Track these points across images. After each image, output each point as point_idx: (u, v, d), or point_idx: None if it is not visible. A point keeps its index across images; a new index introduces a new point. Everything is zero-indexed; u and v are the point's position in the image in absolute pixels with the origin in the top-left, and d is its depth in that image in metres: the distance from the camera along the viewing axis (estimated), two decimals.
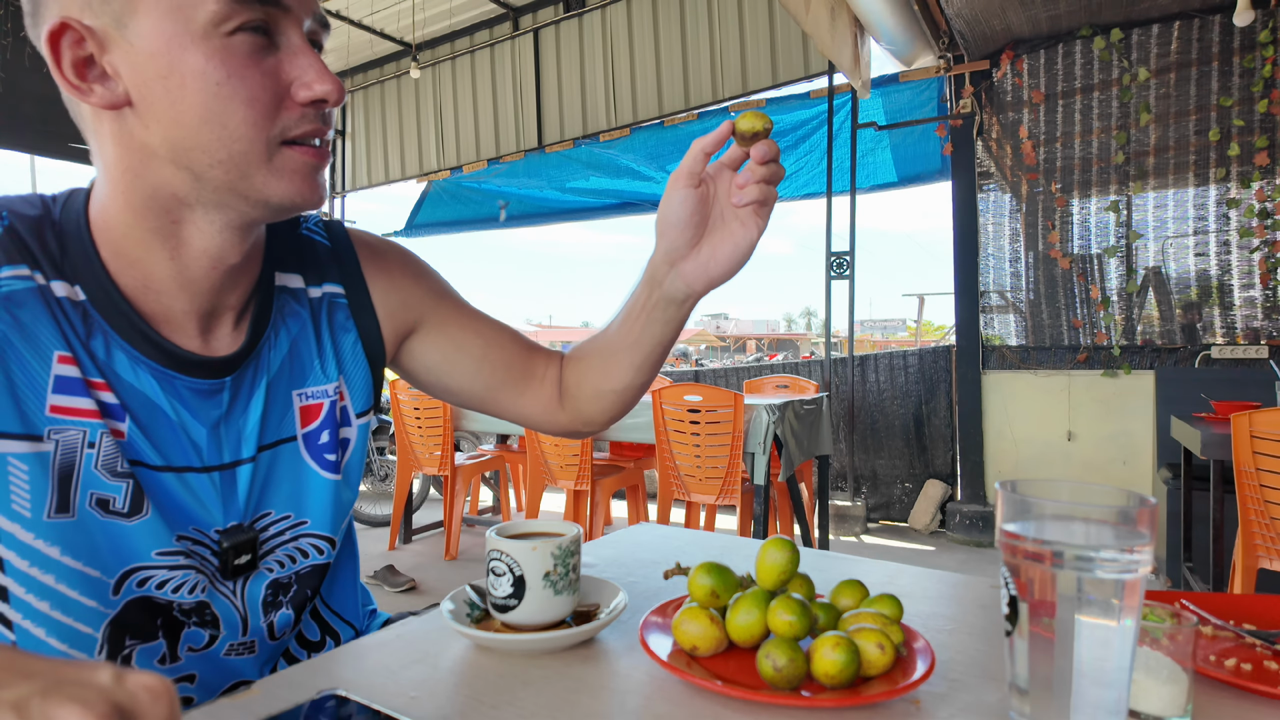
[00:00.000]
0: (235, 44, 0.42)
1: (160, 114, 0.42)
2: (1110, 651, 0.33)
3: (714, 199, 0.52)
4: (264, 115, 0.43)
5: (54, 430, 0.43)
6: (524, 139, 4.44)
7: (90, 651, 0.45)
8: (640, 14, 3.99)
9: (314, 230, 0.58)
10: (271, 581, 0.52)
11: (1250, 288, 2.82)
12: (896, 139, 3.53)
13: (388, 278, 0.59)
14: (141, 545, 0.46)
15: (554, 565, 0.48)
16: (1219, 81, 2.81)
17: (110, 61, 0.41)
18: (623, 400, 0.62)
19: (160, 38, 0.41)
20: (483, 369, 0.62)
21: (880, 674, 0.41)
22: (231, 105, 0.42)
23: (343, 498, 0.55)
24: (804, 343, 30.14)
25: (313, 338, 0.55)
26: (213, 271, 0.48)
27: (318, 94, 0.44)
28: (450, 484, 2.88)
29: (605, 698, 0.41)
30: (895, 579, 0.62)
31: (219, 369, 0.49)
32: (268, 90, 0.43)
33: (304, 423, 0.53)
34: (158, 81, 0.41)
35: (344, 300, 0.57)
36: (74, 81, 0.42)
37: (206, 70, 0.41)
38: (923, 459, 3.53)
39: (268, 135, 0.43)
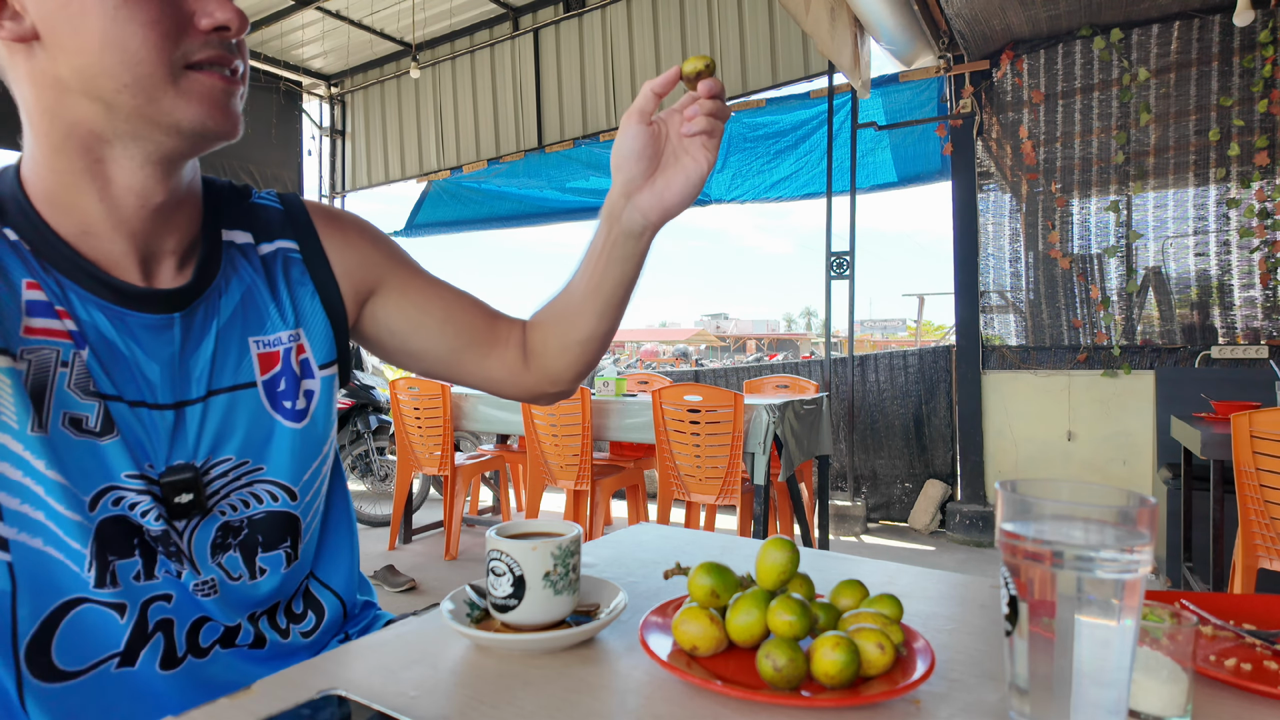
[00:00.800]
0: None
1: (65, 43, 0.43)
2: (1110, 651, 0.33)
3: (665, 136, 0.56)
4: (164, 38, 0.44)
5: (27, 350, 0.46)
6: (524, 139, 4.44)
7: (82, 565, 0.47)
8: (640, 14, 4.00)
9: (266, 198, 0.60)
10: (222, 524, 0.53)
11: (1250, 288, 2.82)
12: (896, 139, 3.53)
13: (343, 238, 0.60)
14: (114, 464, 0.48)
15: (554, 565, 0.48)
16: (1219, 81, 2.81)
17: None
18: (587, 351, 0.63)
19: None
20: (446, 331, 0.63)
21: (880, 674, 0.41)
22: (130, 28, 0.43)
23: (305, 447, 0.56)
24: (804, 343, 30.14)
25: (265, 289, 0.56)
26: (141, 210, 0.49)
27: (219, 20, 0.45)
28: (450, 484, 2.88)
29: (605, 698, 0.41)
30: (895, 579, 0.62)
31: (166, 302, 0.50)
32: (167, 16, 0.44)
33: (263, 370, 0.55)
34: (59, 11, 0.43)
35: (298, 255, 0.58)
36: None
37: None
38: (923, 459, 3.53)
39: (170, 58, 0.44)
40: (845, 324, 3.53)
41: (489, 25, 4.55)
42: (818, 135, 3.59)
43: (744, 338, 33.70)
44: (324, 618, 0.60)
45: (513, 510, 3.53)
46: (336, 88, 5.29)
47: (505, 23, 4.49)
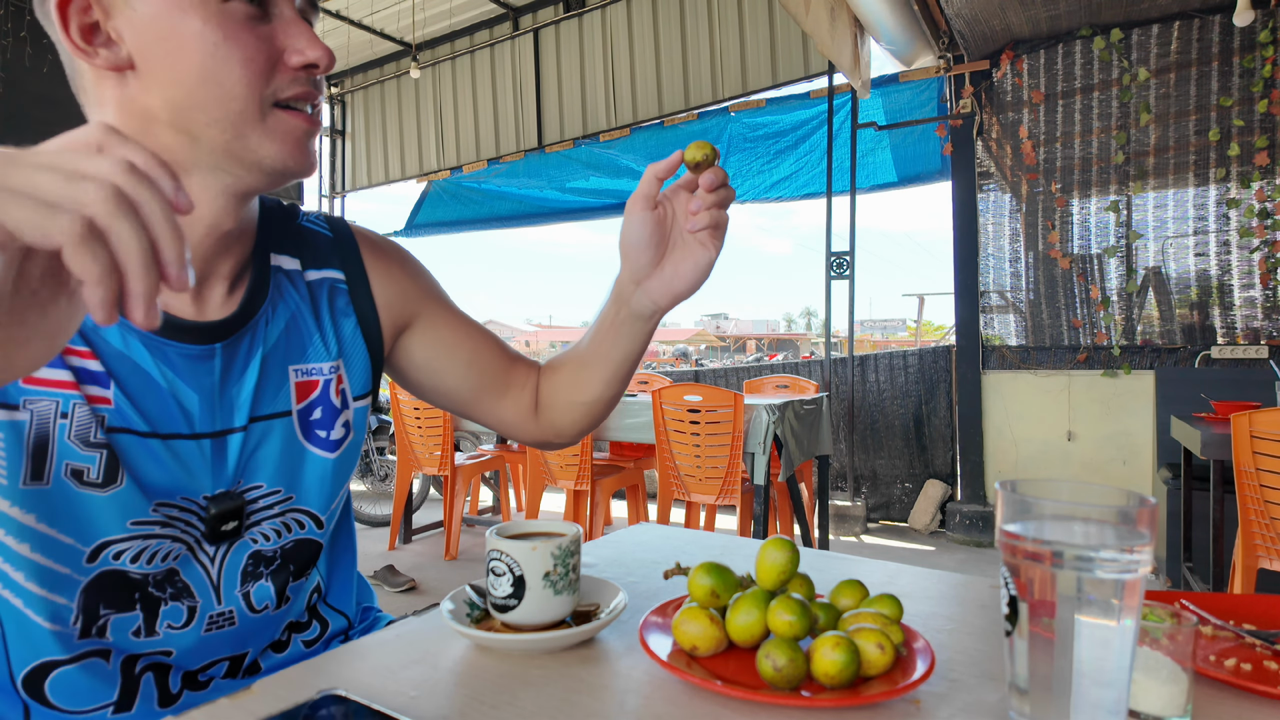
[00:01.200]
0: (231, 9, 0.44)
1: (161, 75, 0.44)
2: (1110, 651, 0.33)
3: (671, 219, 0.55)
4: (258, 76, 0.45)
5: (29, 401, 0.44)
6: (524, 139, 4.44)
7: (66, 621, 0.46)
8: (640, 14, 3.99)
9: (315, 223, 0.60)
10: (254, 552, 0.53)
11: (1250, 288, 2.82)
12: (896, 139, 3.53)
13: (386, 269, 0.61)
14: (115, 517, 0.46)
15: (554, 565, 0.48)
16: (1219, 81, 2.81)
17: (114, 27, 0.44)
18: (592, 413, 0.65)
19: (160, 3, 0.43)
20: (470, 372, 0.64)
21: (880, 674, 0.41)
22: (228, 65, 0.44)
23: (336, 478, 0.56)
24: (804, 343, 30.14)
25: (310, 316, 0.56)
26: (207, 237, 0.49)
27: (309, 59, 0.46)
28: (450, 484, 2.88)
29: (605, 698, 0.41)
30: (895, 579, 0.62)
31: (210, 334, 0.50)
32: (262, 53, 0.45)
33: (299, 398, 0.54)
34: (158, 44, 0.43)
35: (344, 286, 0.58)
36: (81, 45, 0.44)
37: (204, 32, 0.43)
38: (923, 459, 3.53)
39: (261, 95, 0.45)
40: (845, 324, 3.53)
41: (489, 25, 4.55)
42: (818, 135, 3.58)
43: (744, 338, 33.69)
44: (328, 630, 0.61)
45: (513, 510, 3.53)
46: (336, 88, 5.29)
47: (505, 23, 4.49)
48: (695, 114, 3.86)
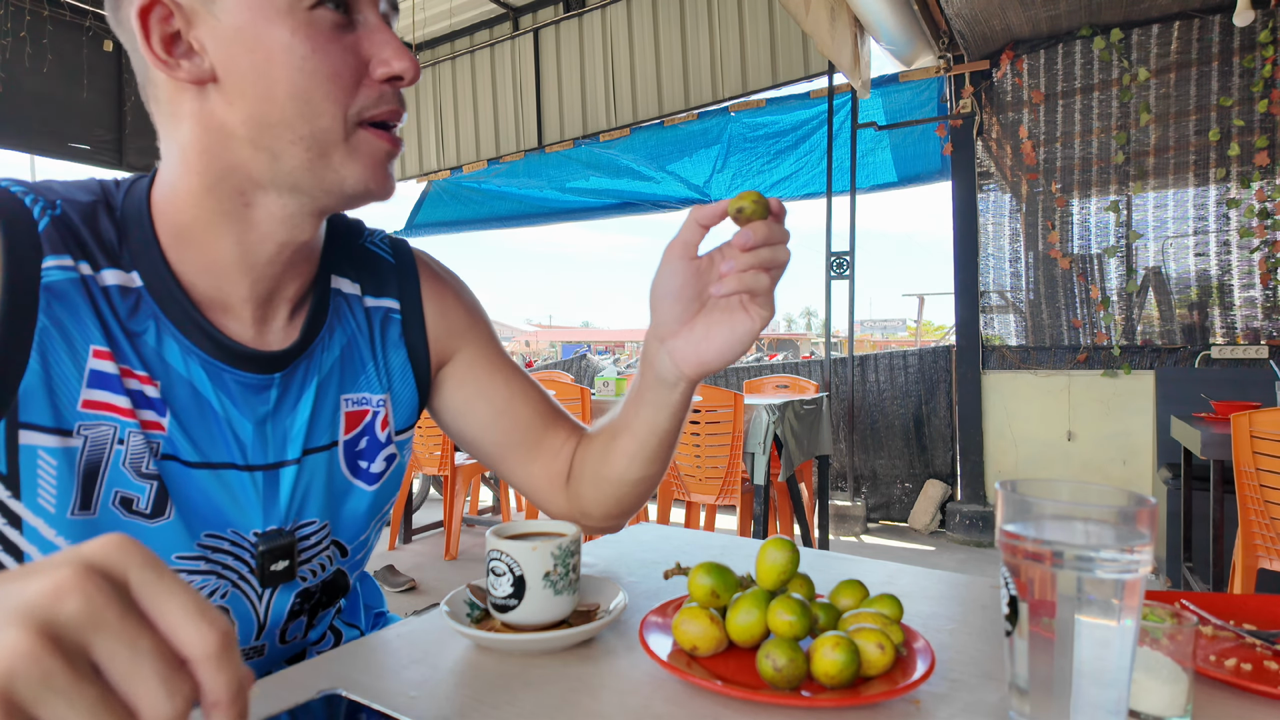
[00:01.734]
0: (317, 18, 0.42)
1: (246, 90, 0.42)
2: (1110, 651, 0.33)
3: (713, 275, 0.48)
4: (345, 91, 0.43)
5: (84, 426, 0.43)
6: (524, 139, 4.44)
7: None
8: (640, 14, 3.99)
9: (379, 245, 0.57)
10: (302, 591, 0.51)
11: (1250, 288, 2.82)
12: (896, 139, 3.53)
13: (441, 301, 0.58)
14: (161, 549, 0.45)
15: (554, 565, 0.48)
16: (1219, 81, 2.81)
17: (196, 37, 0.42)
18: (618, 494, 0.58)
19: (246, 12, 0.41)
20: (500, 423, 0.59)
21: (880, 674, 0.41)
22: (315, 80, 0.42)
23: (370, 511, 0.54)
24: (804, 342, 30.12)
25: (366, 345, 0.54)
26: (277, 257, 0.47)
27: (395, 70, 0.44)
28: (450, 484, 2.88)
29: (605, 698, 0.41)
30: (895, 579, 0.62)
31: (270, 364, 0.48)
32: (349, 66, 0.43)
33: (346, 429, 0.52)
34: (244, 56, 0.41)
35: (399, 317, 0.56)
36: (162, 56, 0.41)
37: (292, 45, 0.41)
38: (923, 459, 3.53)
39: (347, 113, 0.43)
40: (845, 324, 3.53)
41: (489, 25, 4.55)
42: (818, 135, 3.58)
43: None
44: (340, 642, 0.60)
45: (513, 510, 3.53)
46: None
47: (505, 23, 4.49)
48: (695, 114, 3.86)
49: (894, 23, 2.97)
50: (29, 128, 3.62)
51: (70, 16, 3.75)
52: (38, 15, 3.61)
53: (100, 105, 3.89)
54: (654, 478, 0.58)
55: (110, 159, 3.95)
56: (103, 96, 3.90)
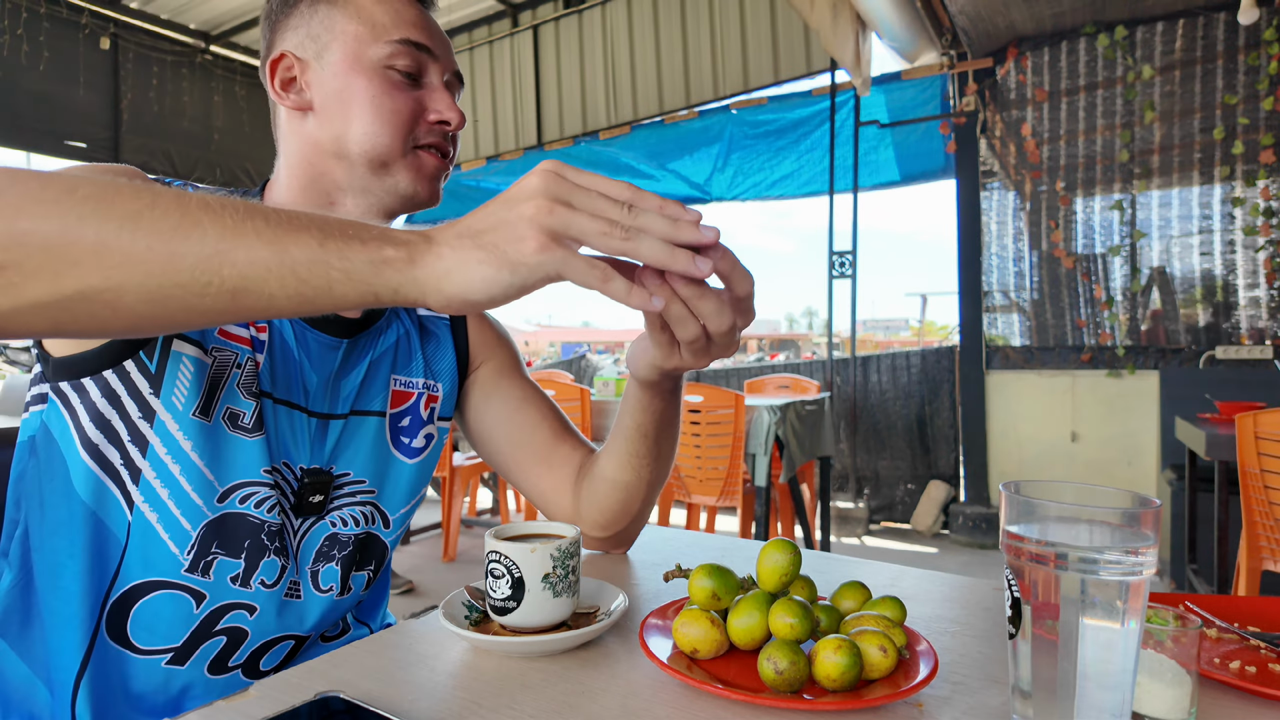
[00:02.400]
0: (392, 75, 0.57)
1: (332, 116, 0.57)
2: (1114, 654, 0.33)
3: None
4: (403, 124, 0.57)
5: (216, 349, 0.54)
6: (523, 137, 4.44)
7: (183, 547, 0.52)
8: (640, 10, 3.99)
9: None
10: (330, 535, 0.59)
11: (1255, 287, 2.81)
12: (899, 137, 3.52)
13: (480, 320, 0.72)
14: (254, 461, 0.54)
15: (553, 567, 0.47)
16: (1224, 79, 2.80)
17: (306, 79, 0.58)
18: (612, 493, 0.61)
19: (344, 63, 0.57)
20: (508, 425, 0.68)
21: (882, 677, 0.41)
22: (381, 114, 0.56)
23: (413, 483, 0.63)
24: (805, 342, 30.10)
25: (418, 340, 0.66)
26: None
27: (445, 117, 0.59)
28: (449, 485, 2.89)
29: (605, 700, 0.41)
30: (898, 581, 0.61)
31: (343, 328, 0.60)
32: (408, 108, 0.58)
33: (394, 404, 0.63)
34: (334, 95, 0.57)
35: (447, 322, 0.69)
36: (279, 91, 0.58)
37: (369, 88, 0.57)
38: (926, 460, 3.52)
39: (404, 139, 0.57)
40: (847, 324, 3.52)
41: (488, 22, 4.55)
42: (820, 133, 3.58)
43: (745, 337, 33.65)
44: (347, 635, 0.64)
45: (511, 512, 3.53)
46: None
47: (504, 20, 4.49)
48: (696, 112, 3.85)
49: (897, 19, 2.96)
50: (26, 125, 3.62)
51: (67, 14, 3.75)
52: (34, 13, 3.62)
53: (97, 103, 3.89)
54: (641, 485, 0.61)
55: (107, 157, 3.96)
56: (99, 94, 3.90)
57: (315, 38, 0.58)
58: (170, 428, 0.52)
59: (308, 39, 0.58)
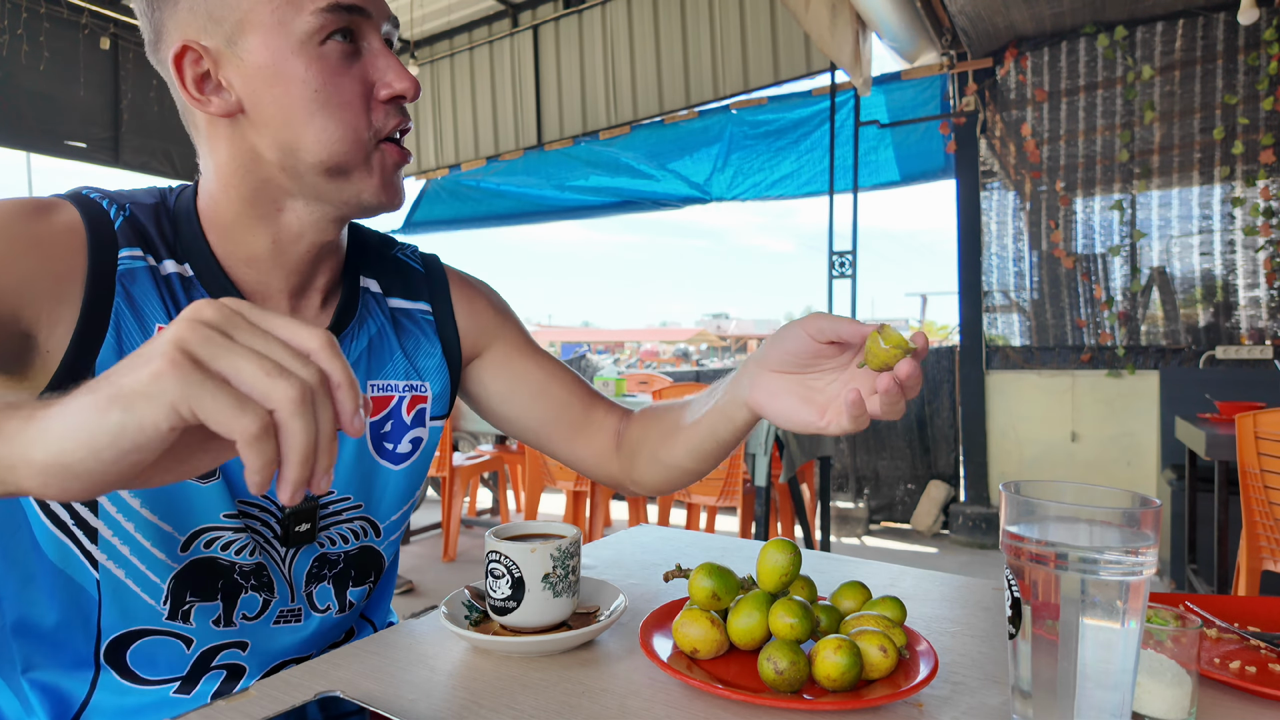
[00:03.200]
0: (327, 52, 0.48)
1: (269, 118, 0.48)
2: (1114, 654, 0.33)
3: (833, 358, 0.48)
4: (358, 116, 0.49)
5: None
6: (523, 137, 4.44)
7: (158, 599, 0.50)
8: (640, 10, 3.99)
9: (409, 257, 0.64)
10: (319, 555, 0.56)
11: (1255, 287, 2.81)
12: (899, 137, 3.52)
13: (471, 305, 0.65)
14: (211, 507, 0.50)
15: (553, 567, 0.47)
16: (1223, 79, 2.80)
17: (224, 76, 0.48)
18: (672, 476, 0.62)
19: (266, 51, 0.47)
20: (536, 405, 0.65)
21: (883, 677, 0.41)
22: (328, 110, 0.48)
23: (403, 490, 0.60)
24: None
25: (393, 337, 0.60)
26: (307, 253, 0.53)
27: (397, 90, 0.50)
28: (448, 485, 2.88)
29: (605, 700, 0.41)
30: (898, 581, 0.61)
31: None
32: (356, 95, 0.49)
33: (371, 413, 0.57)
34: (265, 90, 0.47)
35: (431, 317, 0.63)
36: (195, 95, 0.48)
37: (306, 78, 0.47)
38: (926, 460, 3.52)
39: (364, 137, 0.49)
40: None
41: (488, 22, 4.55)
42: (819, 133, 3.57)
43: (745, 337, 33.66)
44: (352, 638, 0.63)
45: (511, 512, 3.53)
46: None
47: (504, 19, 4.49)
48: (696, 112, 3.85)
49: (896, 20, 2.96)
50: (26, 125, 3.62)
51: (67, 14, 3.75)
52: (34, 13, 3.61)
53: (97, 103, 3.88)
54: (705, 471, 0.62)
55: (106, 156, 3.95)
56: (99, 94, 3.90)
57: (219, 19, 0.46)
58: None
59: (209, 21, 0.47)
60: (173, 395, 0.26)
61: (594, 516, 2.64)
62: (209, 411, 0.26)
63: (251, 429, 0.26)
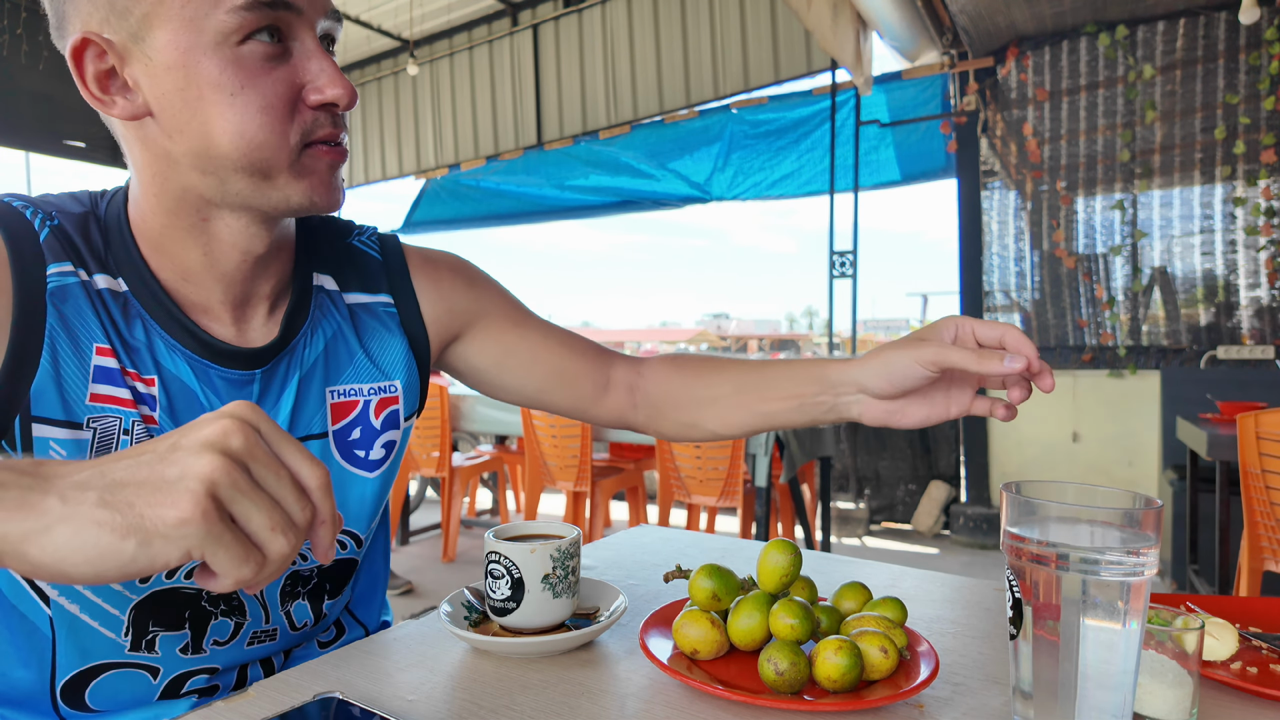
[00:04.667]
0: (246, 53, 0.42)
1: (181, 125, 0.43)
2: (1115, 655, 0.33)
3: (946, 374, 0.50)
4: (280, 120, 0.43)
5: (93, 419, 0.45)
6: (523, 136, 4.44)
7: (118, 631, 0.47)
8: (640, 9, 3.99)
9: (367, 243, 0.59)
10: (292, 574, 0.53)
11: (1256, 287, 2.80)
12: (900, 136, 3.52)
13: (436, 286, 0.60)
14: None
15: (553, 568, 0.47)
16: (1225, 79, 2.79)
17: (130, 74, 0.43)
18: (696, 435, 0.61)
19: (175, 50, 0.41)
20: (534, 371, 0.62)
21: (883, 678, 0.41)
22: (248, 114, 0.42)
23: (376, 497, 0.56)
24: (806, 343, 30.08)
25: (353, 337, 0.55)
26: (243, 263, 0.49)
27: (329, 98, 0.44)
28: (448, 485, 2.88)
29: (605, 701, 0.41)
30: (898, 582, 0.61)
31: (251, 360, 0.50)
32: (281, 97, 0.43)
33: (334, 420, 0.54)
34: (176, 94, 0.42)
35: (393, 310, 0.58)
36: (97, 94, 0.43)
37: (221, 81, 0.42)
38: (926, 460, 3.52)
39: (289, 143, 0.44)
40: (848, 323, 3.51)
41: (488, 21, 4.55)
42: (820, 132, 3.57)
43: (745, 337, 33.64)
44: (343, 636, 0.61)
45: (511, 512, 3.53)
46: None
47: (504, 19, 4.49)
48: (696, 111, 3.85)
49: (897, 19, 2.96)
50: (25, 125, 3.62)
51: None
52: (34, 13, 3.61)
53: None
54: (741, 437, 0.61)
55: (106, 156, 3.96)
56: None
57: (123, 11, 0.41)
58: None
59: (112, 13, 0.41)
60: (191, 543, 0.27)
61: (594, 517, 2.64)
62: (217, 561, 0.28)
63: (246, 578, 0.29)
